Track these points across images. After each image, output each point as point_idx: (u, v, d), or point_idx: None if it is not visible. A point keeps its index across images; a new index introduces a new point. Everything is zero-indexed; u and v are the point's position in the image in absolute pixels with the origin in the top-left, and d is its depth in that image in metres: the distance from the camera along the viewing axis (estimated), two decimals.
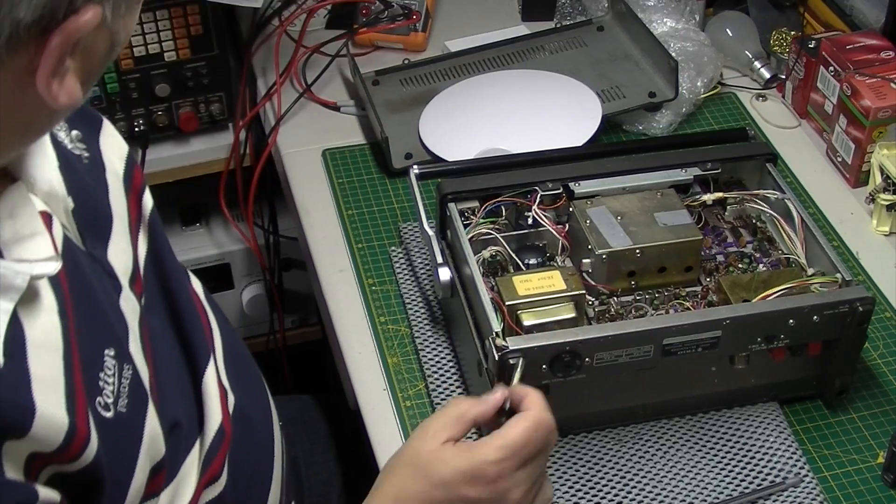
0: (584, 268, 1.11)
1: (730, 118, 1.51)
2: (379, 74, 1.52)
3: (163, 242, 0.95)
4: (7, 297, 0.70)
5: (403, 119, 1.45)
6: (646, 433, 1.10)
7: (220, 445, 0.92)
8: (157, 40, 1.44)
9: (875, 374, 1.16)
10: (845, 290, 1.05)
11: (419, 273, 1.25)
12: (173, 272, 0.95)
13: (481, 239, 1.12)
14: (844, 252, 1.30)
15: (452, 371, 1.15)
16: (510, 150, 1.33)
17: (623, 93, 1.46)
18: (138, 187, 0.94)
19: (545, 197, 1.14)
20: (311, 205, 1.37)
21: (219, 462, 0.91)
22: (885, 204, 1.31)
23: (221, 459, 0.92)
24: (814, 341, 1.07)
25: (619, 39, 1.56)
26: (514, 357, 0.97)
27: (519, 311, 1.03)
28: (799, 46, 1.47)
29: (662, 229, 1.11)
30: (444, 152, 1.39)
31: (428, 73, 1.53)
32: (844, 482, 1.06)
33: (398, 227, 1.32)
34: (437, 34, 1.64)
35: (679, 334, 1.02)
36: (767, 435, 1.09)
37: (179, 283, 0.95)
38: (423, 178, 1.20)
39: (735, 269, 1.14)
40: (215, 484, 0.91)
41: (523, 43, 1.58)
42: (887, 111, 1.33)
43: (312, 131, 1.48)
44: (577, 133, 1.37)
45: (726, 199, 1.19)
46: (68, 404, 0.72)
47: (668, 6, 1.53)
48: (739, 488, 1.05)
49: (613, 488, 1.05)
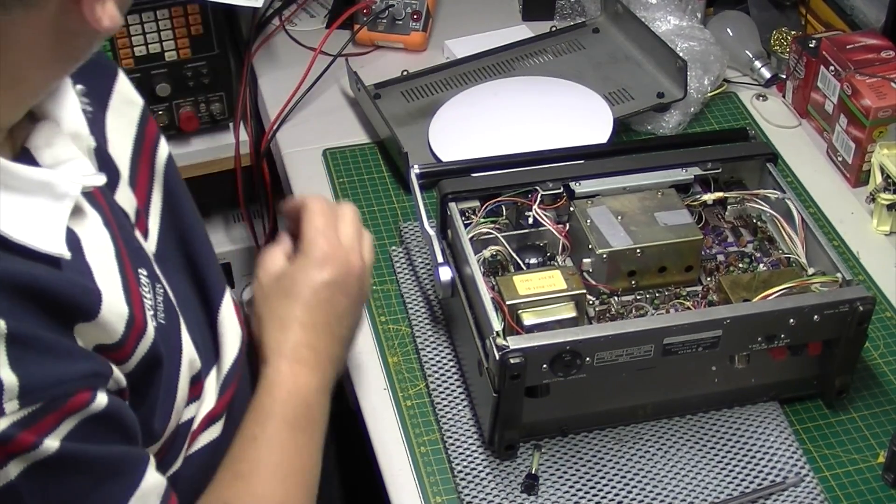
0: (584, 267, 1.11)
1: (730, 118, 1.51)
2: (379, 87, 1.50)
3: (179, 190, 0.99)
4: (62, 203, 0.77)
5: (410, 132, 1.43)
6: (646, 433, 1.10)
7: (231, 382, 0.95)
8: (158, 40, 1.44)
9: (875, 374, 1.16)
10: (845, 289, 1.05)
11: (420, 273, 1.25)
12: (189, 217, 0.99)
13: (482, 238, 1.12)
14: (845, 252, 1.30)
15: (453, 371, 1.15)
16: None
17: (630, 94, 1.46)
18: (152, 138, 0.97)
19: (546, 197, 1.14)
20: None
21: (225, 399, 0.94)
22: (886, 203, 1.31)
23: (228, 397, 0.95)
24: (814, 341, 1.07)
25: (616, 40, 1.55)
26: (515, 356, 0.97)
27: (519, 310, 1.03)
28: (799, 46, 1.47)
29: (663, 229, 1.11)
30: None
31: (428, 83, 1.52)
32: (845, 482, 1.06)
33: (398, 226, 1.32)
34: (437, 34, 1.64)
35: (679, 334, 1.02)
36: (768, 435, 1.09)
37: (194, 227, 0.99)
38: (424, 178, 1.20)
39: (735, 268, 1.14)
40: (214, 426, 0.93)
41: (520, 48, 1.57)
42: (887, 111, 1.33)
43: (312, 131, 1.48)
44: (592, 138, 1.36)
45: (727, 199, 1.19)
46: (126, 296, 0.80)
47: (670, 4, 1.53)
48: (739, 488, 1.05)
49: (613, 488, 1.05)
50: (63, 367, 0.73)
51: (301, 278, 0.98)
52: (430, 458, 1.08)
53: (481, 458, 1.07)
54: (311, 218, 1.01)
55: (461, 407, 1.11)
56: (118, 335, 0.79)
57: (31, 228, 0.75)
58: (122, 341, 0.79)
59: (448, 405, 1.12)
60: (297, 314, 0.97)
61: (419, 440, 1.09)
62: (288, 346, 0.96)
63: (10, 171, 0.75)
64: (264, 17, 1.64)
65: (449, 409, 1.11)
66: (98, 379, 0.76)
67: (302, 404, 0.95)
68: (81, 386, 0.74)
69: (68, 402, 0.72)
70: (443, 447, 1.08)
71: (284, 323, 0.97)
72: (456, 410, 1.11)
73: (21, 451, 0.70)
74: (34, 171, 0.77)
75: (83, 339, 0.76)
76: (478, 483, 1.05)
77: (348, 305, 1.00)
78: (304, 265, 0.99)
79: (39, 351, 0.71)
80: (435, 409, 1.12)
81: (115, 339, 0.78)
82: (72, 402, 0.73)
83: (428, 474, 1.06)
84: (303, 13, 1.68)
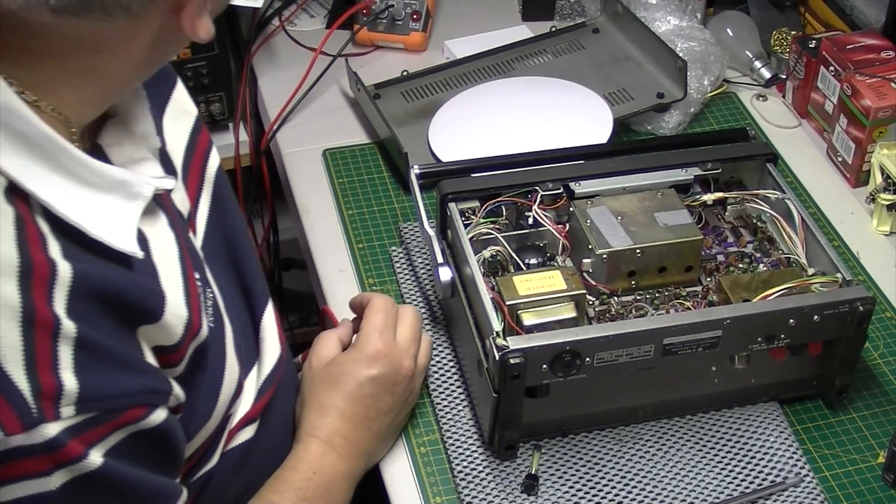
0: (584, 267, 1.11)
1: (730, 118, 1.51)
2: (378, 88, 1.50)
3: (229, 202, 1.01)
4: (135, 202, 0.79)
5: (410, 132, 1.43)
6: (646, 433, 1.10)
7: (269, 387, 0.97)
8: None
9: (875, 374, 1.16)
10: (845, 289, 1.05)
11: (420, 273, 1.25)
12: (236, 227, 1.02)
13: (482, 239, 1.12)
14: (845, 252, 1.30)
15: (453, 371, 1.15)
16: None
17: (630, 95, 1.46)
18: (204, 148, 0.99)
19: (545, 197, 1.14)
20: (311, 205, 1.37)
21: (261, 403, 0.96)
22: (886, 204, 1.31)
23: (264, 402, 0.97)
24: (814, 341, 1.07)
25: (616, 41, 1.55)
26: (515, 356, 0.97)
27: (519, 310, 1.03)
28: (799, 46, 1.47)
29: (663, 229, 1.11)
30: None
31: (428, 83, 1.52)
32: (845, 482, 1.06)
33: (398, 226, 1.32)
34: (437, 34, 1.64)
35: (679, 334, 1.02)
36: (768, 435, 1.09)
37: (240, 238, 1.02)
38: (424, 178, 1.20)
39: (735, 268, 1.14)
40: (248, 428, 0.95)
41: (520, 48, 1.57)
42: (887, 111, 1.33)
43: (312, 131, 1.48)
44: (592, 138, 1.36)
45: (727, 199, 1.19)
46: (186, 299, 0.82)
47: (670, 4, 1.53)
48: (739, 488, 1.05)
49: (613, 488, 1.05)
50: (124, 379, 0.73)
51: (349, 370, 1.02)
52: (430, 458, 1.08)
53: (481, 458, 1.07)
54: (371, 314, 1.05)
55: (461, 407, 1.11)
56: (177, 337, 0.80)
57: (107, 225, 0.75)
58: (179, 343, 0.80)
59: (448, 405, 1.12)
60: (337, 403, 1.01)
61: (419, 440, 1.09)
62: (323, 431, 1.00)
63: (90, 167, 0.76)
64: (264, 17, 1.64)
65: (449, 409, 1.11)
66: (155, 395, 0.77)
67: (324, 486, 0.97)
68: (138, 401, 0.74)
69: (122, 415, 0.73)
70: (443, 447, 1.08)
71: (324, 409, 1.01)
72: (456, 410, 1.11)
73: (68, 462, 0.70)
74: (112, 170, 0.78)
75: (145, 340, 0.77)
76: (478, 483, 1.05)
77: (392, 404, 1.04)
78: (355, 358, 1.03)
79: (104, 360, 0.72)
80: (435, 409, 1.12)
81: (174, 341, 0.80)
82: (126, 415, 0.73)
83: (428, 474, 1.06)
84: (303, 13, 1.68)
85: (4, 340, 0.68)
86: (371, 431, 1.02)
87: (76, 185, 0.74)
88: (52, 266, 0.70)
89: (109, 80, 0.77)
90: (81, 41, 0.72)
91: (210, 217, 0.98)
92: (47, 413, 0.68)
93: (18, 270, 0.69)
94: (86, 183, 0.75)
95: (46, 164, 0.73)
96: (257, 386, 0.96)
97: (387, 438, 1.06)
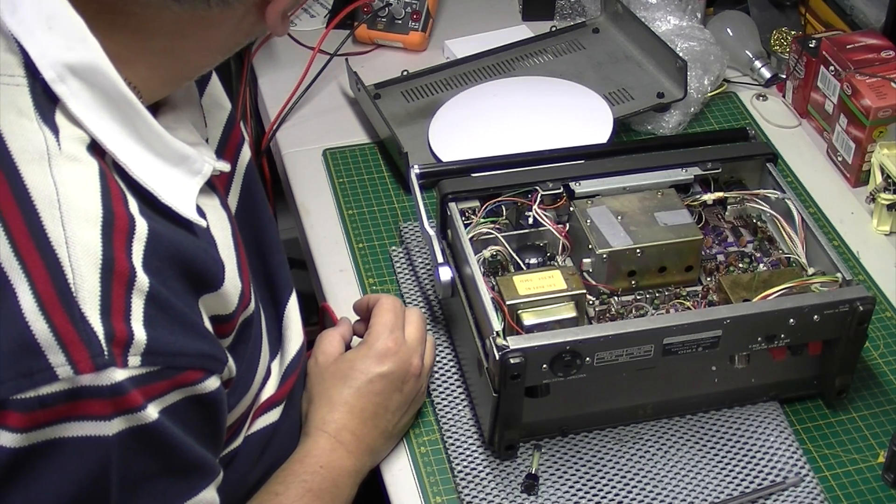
0: (584, 267, 1.11)
1: (730, 118, 1.51)
2: (379, 87, 1.50)
3: (257, 194, 1.04)
4: (196, 178, 0.83)
5: (410, 132, 1.43)
6: (646, 433, 1.10)
7: (292, 372, 1.00)
8: None
9: (875, 374, 1.16)
10: (845, 289, 1.05)
11: (420, 273, 1.25)
12: (263, 219, 1.04)
13: (482, 238, 1.12)
14: (845, 252, 1.30)
15: (453, 370, 1.15)
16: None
17: (630, 94, 1.46)
18: (236, 142, 1.02)
19: (545, 197, 1.14)
20: (311, 205, 1.37)
21: (286, 388, 0.98)
22: (886, 203, 1.31)
23: (289, 386, 0.99)
24: (814, 341, 1.07)
25: (616, 40, 1.55)
26: (515, 356, 0.97)
27: (519, 310, 1.03)
28: (799, 46, 1.47)
29: (663, 229, 1.11)
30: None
31: (428, 83, 1.52)
32: (845, 482, 1.06)
33: (398, 226, 1.32)
34: (437, 34, 1.64)
35: (679, 334, 1.02)
36: (768, 435, 1.09)
37: (267, 229, 1.05)
38: (424, 177, 1.20)
39: (735, 268, 1.14)
40: (273, 411, 0.97)
41: (520, 48, 1.57)
42: (887, 111, 1.33)
43: (312, 131, 1.48)
44: (592, 138, 1.36)
45: (727, 199, 1.19)
46: (239, 272, 0.85)
47: (670, 4, 1.53)
48: (739, 488, 1.05)
49: (613, 488, 1.05)
50: (187, 340, 0.75)
51: (359, 366, 1.04)
52: (430, 458, 1.08)
53: (481, 458, 1.07)
54: (380, 313, 1.07)
55: (461, 407, 1.12)
56: (232, 307, 0.83)
57: (174, 194, 0.79)
58: (233, 313, 0.84)
59: (448, 405, 1.12)
60: (347, 398, 1.02)
61: (419, 440, 1.09)
62: (332, 426, 1.01)
63: (162, 138, 0.80)
64: None
65: (449, 409, 1.11)
66: (213, 362, 0.78)
67: (329, 480, 0.98)
68: (197, 364, 0.76)
69: (182, 374, 0.75)
70: (443, 447, 1.08)
71: (333, 403, 1.02)
72: (456, 410, 1.11)
73: (128, 410, 0.71)
74: (179, 144, 0.82)
75: (205, 309, 0.80)
76: (478, 483, 1.05)
77: (400, 402, 1.05)
78: (365, 354, 1.04)
79: (171, 318, 0.74)
80: (435, 409, 1.12)
81: (230, 310, 0.83)
82: (184, 375, 0.75)
83: (428, 474, 1.06)
84: (303, 13, 1.68)
85: (84, 284, 0.70)
86: (378, 429, 1.03)
87: (148, 152, 0.78)
88: (131, 220, 0.73)
89: (186, 64, 0.82)
90: (174, 24, 0.77)
91: (238, 209, 1.00)
92: (117, 359, 0.70)
93: (102, 220, 0.72)
94: (156, 153, 0.79)
95: (125, 128, 0.77)
96: (280, 372, 0.98)
97: (392, 438, 1.06)
